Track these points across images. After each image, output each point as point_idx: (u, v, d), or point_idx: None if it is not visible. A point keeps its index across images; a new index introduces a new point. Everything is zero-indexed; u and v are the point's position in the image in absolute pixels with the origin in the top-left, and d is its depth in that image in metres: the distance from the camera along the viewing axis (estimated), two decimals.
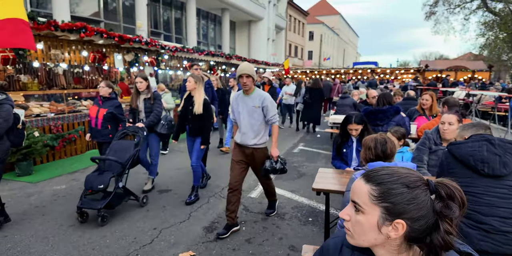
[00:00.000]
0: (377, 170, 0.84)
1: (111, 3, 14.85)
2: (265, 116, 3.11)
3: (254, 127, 3.10)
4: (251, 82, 3.02)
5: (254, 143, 3.13)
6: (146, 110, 4.16)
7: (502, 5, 23.62)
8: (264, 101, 3.06)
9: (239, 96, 3.20)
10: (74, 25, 5.37)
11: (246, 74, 2.97)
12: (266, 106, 3.06)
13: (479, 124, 1.99)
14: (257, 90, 3.12)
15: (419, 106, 4.47)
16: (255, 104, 3.06)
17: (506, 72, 37.66)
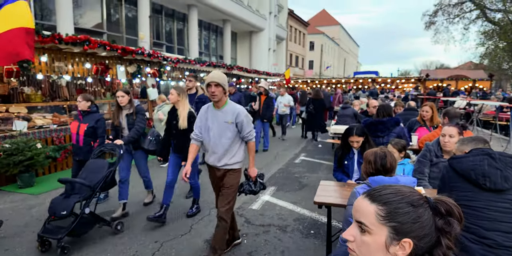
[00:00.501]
0: (380, 189, 0.84)
1: (114, 14, 15.13)
2: (240, 133, 2.72)
3: (226, 146, 2.69)
4: (220, 92, 2.61)
5: (225, 163, 2.74)
6: (129, 126, 3.84)
7: (501, 15, 23.89)
8: (238, 116, 2.65)
9: (209, 109, 2.76)
10: (77, 38, 5.47)
11: (215, 83, 2.58)
12: (241, 121, 2.66)
13: (478, 138, 2.00)
14: (230, 103, 2.74)
15: (420, 117, 4.48)
16: (228, 120, 2.65)
17: (507, 81, 37.76)
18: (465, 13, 25.19)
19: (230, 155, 2.74)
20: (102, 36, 14.36)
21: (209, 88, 2.60)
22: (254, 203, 4.32)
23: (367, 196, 0.84)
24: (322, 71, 38.91)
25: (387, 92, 18.08)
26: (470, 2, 24.33)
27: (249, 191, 2.88)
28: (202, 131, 2.78)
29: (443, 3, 25.02)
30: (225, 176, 2.79)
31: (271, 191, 4.82)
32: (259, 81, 12.39)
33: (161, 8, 17.71)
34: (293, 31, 34.13)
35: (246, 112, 2.71)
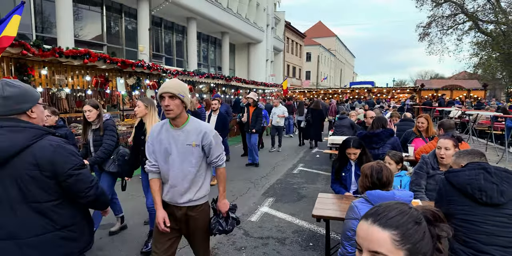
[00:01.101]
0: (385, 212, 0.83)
1: (114, 27, 15.35)
2: (207, 157, 2.14)
3: (189, 176, 2.06)
4: (177, 106, 1.96)
5: (189, 199, 2.09)
6: (94, 143, 3.39)
7: (493, 26, 24.42)
8: (206, 136, 2.06)
9: (164, 129, 2.09)
10: (78, 52, 5.56)
11: (169, 94, 1.93)
12: (209, 143, 2.07)
13: (474, 151, 2.04)
14: (193, 121, 2.10)
15: (416, 128, 4.54)
16: (191, 141, 2.04)
17: (501, 90, 38.22)
18: (458, 24, 25.73)
19: (195, 187, 2.11)
20: (102, 48, 14.52)
21: (162, 101, 1.96)
22: (253, 215, 4.32)
23: (375, 222, 0.81)
24: (319, 82, 39.31)
25: (383, 102, 18.26)
26: (463, 14, 24.89)
27: (219, 231, 2.22)
28: (158, 158, 2.09)
29: (436, 15, 25.58)
30: (189, 217, 2.13)
31: (270, 202, 4.82)
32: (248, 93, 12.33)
33: (161, 20, 17.99)
34: (290, 42, 34.63)
35: (214, 131, 2.13)
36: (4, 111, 1.50)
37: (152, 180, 2.16)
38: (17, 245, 1.42)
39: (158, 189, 2.15)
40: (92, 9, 14.04)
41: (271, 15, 27.29)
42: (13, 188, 1.44)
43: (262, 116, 7.20)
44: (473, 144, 9.57)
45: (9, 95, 1.50)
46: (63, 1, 10.93)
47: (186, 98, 2.02)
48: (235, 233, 3.70)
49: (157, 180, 2.16)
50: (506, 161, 7.06)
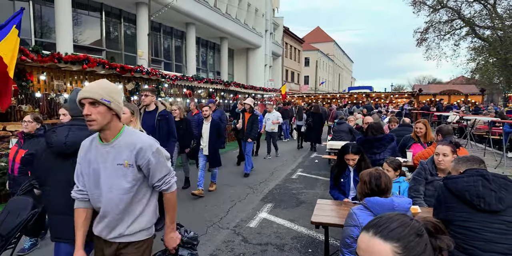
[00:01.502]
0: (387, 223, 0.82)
1: (113, 32, 15.42)
2: (148, 180, 1.69)
3: (121, 204, 1.63)
4: (102, 114, 1.56)
5: (120, 233, 1.67)
6: None
7: (490, 32, 24.65)
8: (141, 153, 1.62)
9: (93, 144, 1.68)
10: (77, 57, 5.57)
11: (90, 99, 1.54)
12: (147, 162, 1.63)
13: (473, 158, 2.04)
14: (127, 133, 1.67)
15: (414, 133, 4.55)
16: (123, 160, 1.62)
17: (498, 95, 38.44)
18: (455, 30, 25.97)
19: (129, 218, 1.67)
20: (101, 53, 14.57)
21: (84, 110, 1.57)
22: (252, 221, 4.30)
23: (377, 234, 0.81)
24: (317, 86, 39.47)
25: (381, 106, 18.33)
26: (460, 20, 25.13)
27: None
28: (87, 182, 1.69)
29: (433, 21, 25.82)
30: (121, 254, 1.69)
31: (269, 208, 4.80)
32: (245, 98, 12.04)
33: (160, 26, 18.08)
34: (289, 47, 34.84)
35: (156, 146, 1.68)
36: (77, 113, 1.92)
37: (76, 211, 1.71)
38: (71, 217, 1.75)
39: (81, 223, 1.70)
40: (91, 15, 14.12)
41: (270, 20, 27.48)
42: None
43: (258, 123, 6.90)
44: (471, 149, 9.59)
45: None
46: (62, 6, 11.01)
47: (115, 103, 1.59)
48: (233, 240, 3.68)
49: (82, 211, 1.72)
50: (504, 166, 7.07)
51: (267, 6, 26.64)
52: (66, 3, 11.09)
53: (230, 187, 5.88)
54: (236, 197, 5.27)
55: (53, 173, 1.94)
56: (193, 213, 4.54)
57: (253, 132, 6.72)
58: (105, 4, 14.44)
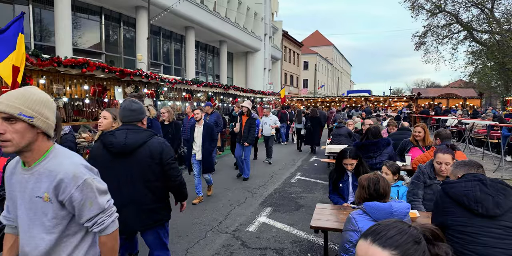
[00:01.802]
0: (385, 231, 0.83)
1: (112, 35, 15.47)
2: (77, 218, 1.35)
3: (42, 247, 1.31)
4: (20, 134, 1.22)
5: None
6: None
7: (488, 36, 24.82)
8: (63, 186, 1.28)
9: (17, 167, 1.37)
10: (76, 61, 5.58)
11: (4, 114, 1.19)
12: (70, 198, 1.29)
13: (471, 162, 2.05)
14: (53, 156, 1.32)
15: (412, 137, 4.57)
16: (42, 192, 1.28)
17: (496, 98, 38.61)
18: (453, 34, 26.16)
19: None
20: (101, 57, 14.60)
21: None
22: (251, 225, 4.29)
23: (375, 241, 0.81)
24: (316, 90, 39.58)
25: (379, 110, 18.37)
26: (458, 24, 25.31)
27: None
28: (10, 208, 1.42)
29: (432, 25, 26.01)
30: None
31: (268, 212, 4.79)
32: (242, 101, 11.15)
33: (159, 29, 18.15)
34: (288, 51, 34.97)
35: (84, 177, 1.31)
36: (130, 119, 2.30)
37: (5, 235, 1.49)
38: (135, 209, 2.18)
39: (7, 250, 1.44)
40: (91, 18, 14.17)
41: (269, 24, 27.62)
42: (136, 170, 2.19)
43: (255, 126, 6.70)
44: (469, 152, 9.60)
45: (134, 108, 2.30)
46: (62, 10, 11.05)
47: (40, 119, 1.24)
48: (232, 244, 3.67)
49: (10, 237, 1.47)
50: (503, 170, 7.08)
51: (266, 10, 26.79)
52: (66, 6, 11.14)
53: (229, 191, 5.88)
54: (235, 201, 5.27)
55: (111, 171, 2.17)
56: (191, 217, 4.53)
57: (250, 136, 6.54)
58: (105, 8, 14.50)
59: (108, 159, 2.20)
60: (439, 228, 1.90)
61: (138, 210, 2.20)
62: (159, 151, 2.23)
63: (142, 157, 2.19)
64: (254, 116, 6.75)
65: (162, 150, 2.24)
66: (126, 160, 2.19)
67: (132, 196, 2.19)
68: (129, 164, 2.19)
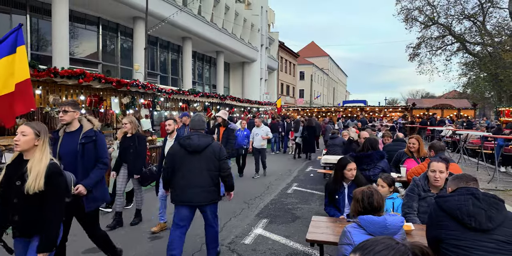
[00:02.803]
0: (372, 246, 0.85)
1: (109, 45, 15.58)
2: None
3: None
4: None
5: None
6: None
7: (480, 47, 25.35)
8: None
9: None
10: (73, 72, 5.60)
11: None
12: None
13: (464, 176, 2.07)
14: None
15: (407, 149, 4.61)
16: None
17: (490, 109, 39.10)
18: (447, 45, 26.69)
19: None
20: (97, 66, 14.66)
21: None
22: (247, 237, 4.24)
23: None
24: (312, 100, 39.87)
25: (375, 120, 18.50)
26: (451, 36, 25.85)
27: None
28: None
29: (425, 36, 26.53)
30: None
31: (264, 223, 4.76)
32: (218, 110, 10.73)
33: (156, 40, 18.32)
34: (284, 61, 35.35)
35: None
36: (200, 128, 3.35)
37: None
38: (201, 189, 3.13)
39: None
40: (88, 28, 14.29)
41: (265, 35, 28.00)
42: (203, 163, 3.16)
43: (234, 138, 6.24)
44: (464, 163, 9.67)
45: (203, 120, 3.44)
46: (59, 20, 11.14)
47: None
48: None
49: None
50: (497, 181, 7.12)
51: (262, 22, 27.21)
52: (63, 17, 11.23)
53: (225, 202, 5.82)
54: (231, 213, 5.22)
55: (187, 163, 3.16)
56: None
57: (228, 149, 5.97)
58: (102, 18, 14.65)
59: (184, 155, 3.17)
60: (433, 241, 1.91)
61: (202, 190, 3.16)
62: (218, 150, 3.24)
63: (208, 154, 3.18)
64: (232, 126, 6.28)
65: (219, 150, 3.25)
66: (197, 156, 3.17)
67: (199, 181, 3.15)
68: (199, 158, 3.17)
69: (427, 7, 25.55)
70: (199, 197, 3.14)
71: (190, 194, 3.12)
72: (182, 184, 3.13)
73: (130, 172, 4.55)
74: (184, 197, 3.14)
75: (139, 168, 4.52)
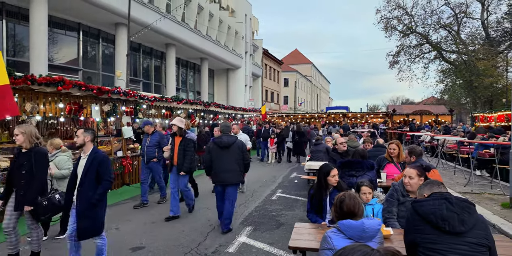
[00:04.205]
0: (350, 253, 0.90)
1: (90, 51, 15.31)
2: None
3: None
4: None
5: None
6: None
7: (456, 56, 26.47)
8: None
9: None
10: (52, 79, 5.45)
11: None
12: None
13: (432, 182, 2.17)
14: None
15: (387, 154, 4.72)
16: None
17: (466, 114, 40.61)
18: (425, 53, 27.69)
19: None
20: (78, 73, 14.36)
21: None
22: (231, 245, 4.21)
23: None
24: (296, 106, 40.31)
25: (357, 126, 18.88)
26: (428, 44, 26.87)
27: None
28: None
29: (404, 45, 27.48)
30: None
31: (248, 231, 4.73)
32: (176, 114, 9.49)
33: (139, 46, 18.16)
34: (268, 68, 35.71)
35: None
36: (227, 131, 4.84)
37: None
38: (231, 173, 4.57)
39: None
40: (68, 34, 14.03)
41: (250, 42, 28.24)
42: (231, 154, 4.60)
43: (192, 149, 5.31)
44: (442, 167, 9.97)
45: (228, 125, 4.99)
46: (38, 25, 10.88)
47: None
48: None
49: None
50: (473, 184, 7.38)
51: (246, 29, 27.46)
52: (42, 22, 10.98)
53: (209, 210, 5.78)
54: (215, 221, 5.17)
55: (220, 156, 4.58)
56: (169, 239, 4.40)
57: (186, 162, 5.18)
58: (83, 24, 14.42)
59: (218, 150, 4.61)
60: (411, 245, 1.96)
61: (233, 174, 4.58)
62: (241, 146, 4.70)
63: (235, 148, 4.61)
64: (190, 136, 5.36)
65: (242, 145, 4.73)
66: (227, 150, 4.60)
67: (231, 167, 4.58)
68: (228, 151, 4.59)
69: (405, 17, 26.56)
70: (230, 179, 4.58)
71: (220, 176, 4.57)
72: (216, 168, 4.57)
73: (19, 202, 3.27)
74: (217, 178, 4.60)
75: (31, 196, 3.29)
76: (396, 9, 26.33)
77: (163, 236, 4.45)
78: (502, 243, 2.46)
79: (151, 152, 6.04)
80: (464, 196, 6.14)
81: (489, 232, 1.89)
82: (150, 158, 6.04)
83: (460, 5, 25.37)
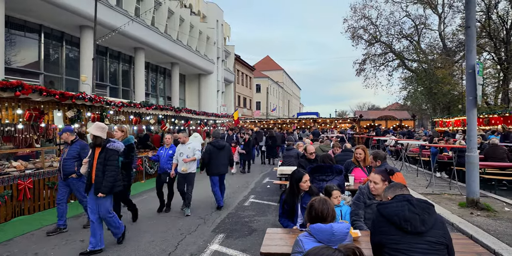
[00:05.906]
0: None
1: (53, 54, 14.58)
2: None
3: None
4: None
5: None
6: None
7: (417, 64, 28.15)
8: None
9: None
10: (9, 84, 5.11)
11: None
12: None
13: (396, 185, 2.29)
14: None
15: (354, 158, 4.89)
16: None
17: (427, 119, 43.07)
18: (389, 62, 29.21)
19: None
20: (39, 77, 13.61)
21: None
22: (203, 254, 4.13)
23: None
24: (269, 112, 40.73)
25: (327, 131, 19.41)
26: (392, 53, 28.37)
27: None
28: None
29: (370, 53, 28.81)
30: None
31: (220, 238, 4.67)
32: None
33: (106, 50, 17.57)
34: (240, 74, 35.89)
35: None
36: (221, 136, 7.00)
37: None
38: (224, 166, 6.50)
39: None
40: (28, 36, 13.29)
41: (221, 48, 28.27)
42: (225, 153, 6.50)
43: (115, 163, 4.14)
44: (406, 170, 10.47)
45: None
46: None
47: None
48: None
49: None
50: (434, 185, 7.81)
51: (218, 35, 27.49)
52: None
53: (180, 219, 5.65)
54: (186, 230, 5.06)
55: (216, 155, 6.28)
56: (138, 250, 4.25)
57: (107, 181, 4.02)
58: (45, 26, 13.74)
59: (215, 151, 6.28)
60: (377, 247, 2.05)
61: (225, 167, 6.41)
62: (228, 147, 6.61)
63: (226, 149, 6.44)
64: (113, 146, 4.14)
65: (229, 146, 6.69)
66: (221, 150, 6.34)
67: (224, 161, 6.39)
68: (223, 151, 6.37)
69: (371, 26, 27.92)
70: (224, 170, 6.42)
71: (219, 169, 6.29)
72: (215, 164, 6.25)
73: None
74: (217, 170, 6.28)
75: None
76: (362, 19, 27.65)
77: (132, 247, 4.28)
78: (459, 240, 2.62)
79: (68, 166, 4.80)
80: (425, 197, 6.48)
81: (447, 230, 2.02)
82: (68, 174, 4.81)
83: (420, 17, 27.14)
